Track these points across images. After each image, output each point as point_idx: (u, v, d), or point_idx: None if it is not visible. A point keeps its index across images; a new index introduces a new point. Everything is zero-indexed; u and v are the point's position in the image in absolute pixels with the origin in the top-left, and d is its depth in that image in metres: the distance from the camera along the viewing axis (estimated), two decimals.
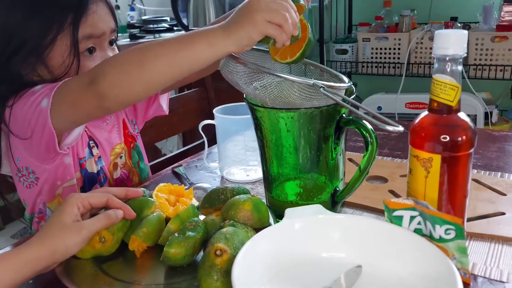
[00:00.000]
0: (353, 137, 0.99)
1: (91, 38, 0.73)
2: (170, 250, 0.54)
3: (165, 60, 0.57)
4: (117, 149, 0.85)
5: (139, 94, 0.60)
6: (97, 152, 0.81)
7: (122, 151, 0.86)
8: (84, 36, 0.72)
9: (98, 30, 0.73)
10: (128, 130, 0.89)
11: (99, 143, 0.81)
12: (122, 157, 0.86)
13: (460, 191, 0.53)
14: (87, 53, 0.73)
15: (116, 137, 0.85)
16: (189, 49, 0.57)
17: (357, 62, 2.06)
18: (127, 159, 0.88)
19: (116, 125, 0.86)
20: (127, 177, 0.88)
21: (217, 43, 0.57)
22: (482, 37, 1.76)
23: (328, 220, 0.55)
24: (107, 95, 0.59)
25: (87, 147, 0.80)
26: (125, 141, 0.87)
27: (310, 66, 0.70)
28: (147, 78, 0.58)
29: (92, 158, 0.80)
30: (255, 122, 0.63)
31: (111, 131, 0.84)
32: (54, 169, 0.75)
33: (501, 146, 0.92)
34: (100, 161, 0.82)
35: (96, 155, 0.81)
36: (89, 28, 0.72)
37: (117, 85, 0.58)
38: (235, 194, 0.65)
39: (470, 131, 0.51)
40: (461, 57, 0.50)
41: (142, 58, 0.58)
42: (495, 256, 0.57)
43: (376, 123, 0.49)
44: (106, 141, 0.83)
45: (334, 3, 2.23)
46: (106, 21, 0.75)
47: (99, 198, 0.59)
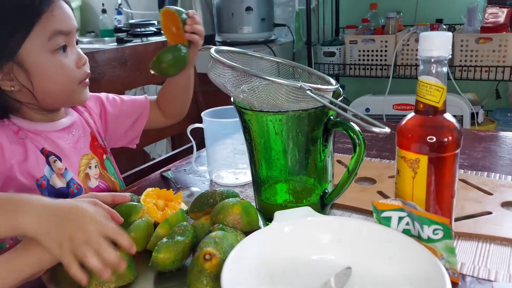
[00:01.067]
0: (342, 139, 0.99)
1: (61, 34, 0.73)
2: (158, 255, 0.54)
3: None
4: (85, 160, 0.84)
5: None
6: (61, 166, 0.79)
7: (90, 162, 0.85)
8: (54, 32, 0.72)
9: (66, 26, 0.74)
10: (97, 142, 0.88)
11: (63, 155, 0.79)
12: (92, 168, 0.84)
13: (447, 191, 0.54)
14: (61, 51, 0.74)
15: (82, 148, 0.84)
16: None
17: (344, 64, 2.07)
18: (101, 170, 0.86)
19: (82, 136, 0.85)
20: (107, 187, 0.86)
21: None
22: (466, 38, 1.78)
23: (317, 222, 0.55)
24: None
25: (45, 165, 0.77)
26: (95, 152, 0.86)
27: (298, 68, 0.70)
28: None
29: (54, 174, 0.78)
30: (243, 125, 0.63)
31: (77, 141, 0.83)
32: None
33: (487, 146, 0.93)
34: (67, 173, 0.79)
35: (61, 168, 0.78)
36: (58, 24, 0.73)
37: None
38: (224, 197, 0.65)
39: (456, 131, 0.52)
40: (446, 58, 0.51)
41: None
42: (483, 255, 0.57)
43: (363, 125, 0.49)
44: (71, 152, 0.81)
45: (321, 6, 2.24)
46: (72, 19, 0.76)
47: None
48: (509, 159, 0.86)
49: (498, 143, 0.95)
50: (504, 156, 0.88)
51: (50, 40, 0.72)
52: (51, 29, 0.72)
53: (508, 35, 1.72)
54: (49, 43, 0.72)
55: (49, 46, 0.73)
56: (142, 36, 2.23)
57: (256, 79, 0.56)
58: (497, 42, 1.73)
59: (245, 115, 0.61)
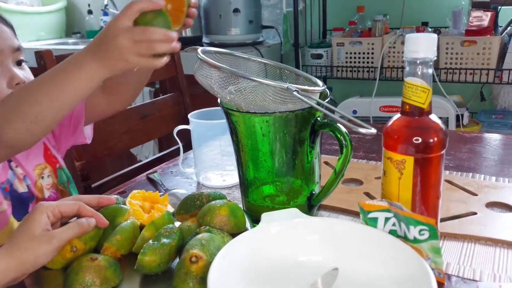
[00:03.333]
0: (329, 140, 0.99)
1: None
2: (144, 258, 0.53)
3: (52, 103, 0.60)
4: (37, 170, 0.82)
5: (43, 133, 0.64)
6: (21, 172, 0.79)
7: (43, 171, 0.83)
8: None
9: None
10: (49, 151, 0.86)
11: (19, 163, 0.79)
12: (44, 178, 0.83)
13: (433, 192, 0.54)
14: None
15: (35, 158, 0.83)
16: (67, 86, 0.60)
17: (332, 66, 2.09)
18: (53, 179, 0.85)
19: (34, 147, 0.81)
20: (57, 197, 0.85)
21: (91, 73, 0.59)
22: (452, 41, 1.80)
23: (304, 223, 0.55)
24: (15, 145, 0.63)
25: (9, 169, 0.77)
26: (48, 161, 0.85)
27: (285, 70, 0.70)
28: (43, 123, 0.61)
29: (16, 179, 0.77)
30: (230, 127, 0.62)
31: (30, 151, 0.81)
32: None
33: (472, 148, 0.94)
34: (26, 180, 0.79)
35: (21, 174, 0.78)
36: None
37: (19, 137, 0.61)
38: (211, 199, 0.65)
39: (441, 132, 0.52)
40: (431, 60, 0.51)
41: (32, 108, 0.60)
42: (468, 255, 0.58)
43: (350, 126, 0.49)
44: (25, 162, 0.80)
45: (309, 9, 2.25)
46: (3, 38, 0.74)
47: (70, 206, 0.58)
48: (494, 160, 0.87)
49: (483, 145, 0.96)
50: (488, 157, 0.89)
51: None
52: None
53: (492, 38, 1.74)
54: None
55: None
56: None
57: (243, 80, 0.56)
58: (481, 45, 1.76)
59: (232, 117, 0.61)
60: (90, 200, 0.62)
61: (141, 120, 1.22)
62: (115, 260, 0.56)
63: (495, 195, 0.71)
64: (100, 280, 0.52)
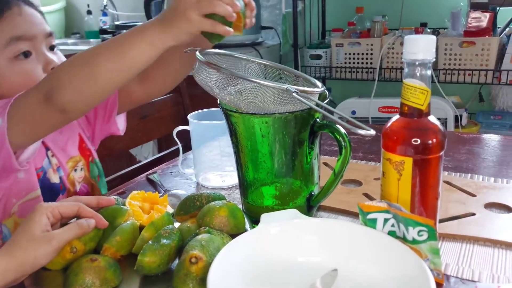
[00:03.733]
0: (328, 141, 0.99)
1: (21, 40, 0.71)
2: (144, 259, 0.53)
3: (112, 66, 0.60)
4: (71, 162, 0.83)
5: (97, 99, 0.63)
6: (56, 162, 0.79)
7: (77, 164, 0.84)
8: (12, 38, 0.70)
9: (26, 32, 0.72)
10: (85, 144, 0.87)
11: (55, 153, 0.80)
12: (77, 171, 0.84)
13: (431, 193, 0.54)
14: (22, 56, 0.72)
15: (71, 150, 0.83)
16: (131, 50, 0.60)
17: (331, 67, 2.09)
18: (86, 173, 0.85)
19: (70, 138, 0.84)
20: (87, 191, 0.86)
21: (155, 40, 0.59)
22: (450, 42, 1.81)
23: (303, 224, 0.55)
24: (68, 109, 0.61)
25: (45, 157, 0.77)
26: (82, 154, 0.85)
27: (284, 71, 0.70)
28: (100, 86, 0.61)
29: (52, 168, 0.78)
30: (229, 128, 0.63)
31: (66, 143, 0.82)
32: (9, 187, 0.72)
33: (471, 148, 0.94)
34: (60, 171, 0.80)
35: (56, 164, 0.79)
36: (16, 30, 0.71)
37: (74, 98, 0.60)
38: (211, 200, 0.65)
39: (440, 134, 0.53)
40: (430, 61, 0.51)
41: (91, 68, 0.60)
42: (466, 256, 0.58)
43: (349, 127, 0.50)
44: (61, 153, 0.81)
45: (308, 9, 2.25)
46: (36, 24, 0.74)
47: (70, 207, 0.58)
48: (492, 161, 0.88)
49: (481, 146, 0.96)
50: (487, 158, 0.89)
51: (6, 47, 0.70)
52: (6, 36, 0.70)
53: (490, 39, 1.75)
54: (6, 50, 0.70)
55: (6, 54, 0.71)
56: None
57: (243, 81, 0.56)
58: (480, 46, 1.76)
59: (231, 118, 0.61)
60: (89, 201, 0.62)
61: (141, 120, 1.22)
62: (114, 261, 0.56)
63: (494, 196, 0.71)
64: (99, 281, 0.52)
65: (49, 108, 0.61)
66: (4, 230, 0.74)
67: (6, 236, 0.74)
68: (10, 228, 0.74)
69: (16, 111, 0.63)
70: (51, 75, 0.63)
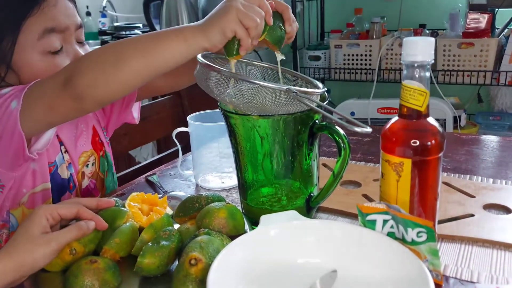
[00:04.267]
0: (327, 143, 1.00)
1: (54, 32, 0.70)
2: (143, 260, 0.53)
3: (141, 59, 0.57)
4: (83, 158, 0.82)
5: (117, 93, 0.60)
6: (68, 158, 0.79)
7: (89, 159, 0.83)
8: (46, 30, 0.69)
9: (60, 23, 0.71)
10: (98, 137, 0.86)
11: (67, 149, 0.79)
12: (89, 166, 0.83)
13: (430, 194, 0.55)
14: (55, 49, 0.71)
15: (83, 145, 0.82)
16: (164, 46, 0.57)
17: (329, 68, 2.09)
18: (96, 168, 0.85)
19: (84, 132, 0.83)
20: (95, 186, 0.85)
21: (191, 38, 0.57)
22: (449, 43, 1.81)
23: (303, 226, 0.55)
24: (84, 96, 0.58)
25: (59, 152, 0.77)
26: (94, 148, 0.84)
27: (284, 73, 0.71)
28: (124, 77, 0.58)
29: (64, 164, 0.78)
30: (229, 129, 0.63)
31: (78, 138, 0.81)
32: (20, 176, 0.72)
33: (469, 150, 0.94)
34: (70, 168, 0.79)
35: (68, 161, 0.79)
36: (50, 22, 0.69)
37: (94, 85, 0.57)
38: (210, 202, 0.65)
39: (439, 135, 0.53)
40: (429, 63, 0.51)
41: (118, 57, 0.57)
42: (465, 257, 0.58)
43: (346, 125, 0.50)
44: (73, 148, 0.80)
45: (307, 11, 2.26)
46: (69, 15, 0.73)
47: (69, 209, 0.58)
48: (491, 162, 0.88)
49: (480, 147, 0.96)
50: (486, 159, 0.90)
51: (40, 40, 0.69)
52: (41, 28, 0.69)
53: (489, 41, 1.75)
54: (39, 43, 0.69)
55: (39, 46, 0.69)
56: None
57: (243, 83, 0.56)
58: (478, 47, 1.77)
59: (231, 119, 0.61)
60: (89, 202, 0.62)
61: (140, 122, 1.22)
62: (114, 263, 0.56)
63: (493, 197, 0.72)
64: (99, 283, 0.52)
65: (66, 93, 0.58)
66: (11, 220, 0.74)
67: (13, 225, 0.74)
68: (18, 218, 0.74)
69: (33, 94, 0.61)
70: (75, 61, 0.61)
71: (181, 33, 0.58)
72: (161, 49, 0.57)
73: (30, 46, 0.69)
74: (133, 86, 0.60)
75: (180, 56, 0.58)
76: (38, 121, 0.63)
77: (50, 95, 0.60)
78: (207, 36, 0.57)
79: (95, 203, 0.62)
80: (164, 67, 0.59)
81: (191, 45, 0.57)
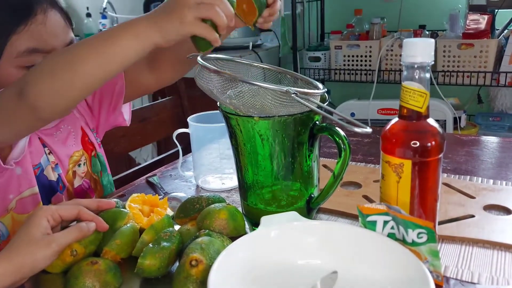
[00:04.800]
0: (327, 144, 1.00)
1: (37, 52, 0.67)
2: (144, 262, 0.54)
3: (94, 60, 0.55)
4: (75, 157, 0.81)
5: (74, 99, 0.58)
6: (53, 159, 0.78)
7: (81, 158, 0.82)
8: (28, 49, 0.66)
9: (46, 45, 0.68)
10: (87, 138, 0.85)
11: (53, 151, 0.78)
12: (81, 165, 0.82)
13: (431, 195, 0.55)
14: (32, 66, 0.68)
15: (73, 145, 0.81)
16: (115, 44, 0.55)
17: (329, 69, 2.09)
18: (88, 167, 0.84)
19: (72, 132, 0.82)
20: (89, 186, 0.85)
21: (142, 34, 0.55)
22: (449, 44, 1.81)
23: (303, 227, 0.55)
24: (39, 106, 0.56)
25: (44, 154, 0.76)
26: (84, 148, 0.84)
27: (286, 75, 0.71)
28: (79, 82, 0.56)
29: (50, 165, 0.77)
30: (229, 130, 0.63)
31: (66, 139, 0.80)
32: (4, 183, 0.71)
33: (469, 150, 0.94)
34: (57, 169, 0.78)
35: (53, 162, 0.78)
36: (35, 42, 0.67)
37: (48, 93, 0.55)
38: (211, 203, 0.65)
39: (439, 136, 0.53)
40: (429, 64, 0.51)
41: (70, 62, 0.55)
42: (466, 258, 0.58)
43: (346, 125, 0.50)
44: (60, 150, 0.79)
45: (307, 12, 2.26)
46: (59, 34, 0.69)
47: (70, 210, 0.58)
48: (491, 163, 0.88)
49: (480, 147, 0.96)
50: (486, 160, 0.90)
51: (20, 57, 0.66)
52: (23, 47, 0.66)
53: (489, 41, 1.75)
54: (18, 59, 0.66)
55: (18, 62, 0.67)
56: None
57: (243, 85, 0.57)
58: (478, 48, 1.77)
59: (231, 120, 0.61)
60: (89, 203, 0.62)
61: (140, 123, 1.22)
62: (115, 264, 0.56)
63: (493, 198, 0.72)
64: (100, 284, 0.52)
65: (21, 105, 0.56)
66: (1, 228, 0.73)
67: (3, 234, 0.73)
68: (7, 225, 0.73)
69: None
70: (30, 71, 0.59)
71: (133, 29, 0.55)
72: (112, 48, 0.55)
73: (8, 60, 0.67)
74: (90, 90, 0.58)
75: (132, 53, 0.55)
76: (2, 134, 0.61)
77: (7, 107, 0.58)
78: (160, 33, 0.54)
79: (95, 204, 0.62)
80: (118, 67, 0.56)
81: (143, 42, 0.55)
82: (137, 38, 0.55)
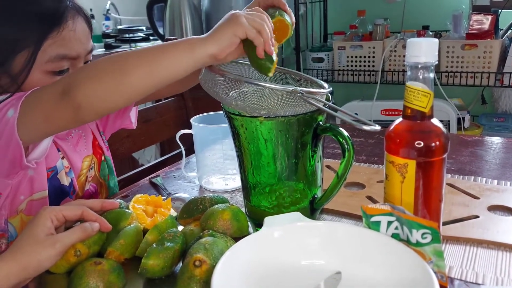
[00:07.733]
0: (331, 144, 0.99)
1: (65, 59, 0.69)
2: (148, 262, 0.54)
3: (144, 69, 0.56)
4: (87, 161, 0.82)
5: (118, 104, 0.59)
6: (66, 164, 0.78)
7: (92, 162, 0.83)
8: (58, 56, 0.68)
9: (72, 51, 0.69)
10: (97, 142, 0.86)
11: (67, 156, 0.79)
12: (90, 170, 0.83)
13: (435, 195, 0.54)
14: (58, 72, 0.69)
15: (84, 149, 0.82)
16: (168, 56, 0.56)
17: (333, 70, 2.09)
18: (96, 172, 0.85)
19: (83, 136, 0.82)
20: (96, 190, 0.85)
21: (197, 45, 0.56)
22: (452, 45, 1.81)
23: (307, 227, 0.55)
24: (83, 107, 0.57)
25: (59, 158, 0.77)
26: (94, 152, 0.84)
27: (288, 74, 0.71)
28: (126, 88, 0.57)
29: (63, 170, 0.78)
30: (232, 131, 0.63)
31: (77, 143, 0.81)
32: (17, 183, 0.71)
33: (473, 151, 0.94)
34: (70, 173, 0.79)
35: (67, 167, 0.78)
36: (64, 48, 0.68)
37: (93, 96, 0.56)
38: (214, 203, 0.65)
39: (443, 136, 0.53)
40: (433, 64, 0.51)
41: (120, 68, 0.56)
42: (470, 258, 0.58)
43: (354, 123, 0.50)
44: (73, 154, 0.79)
45: (310, 13, 2.26)
46: (83, 43, 0.71)
47: (74, 210, 0.58)
48: (495, 164, 0.88)
49: (484, 148, 0.96)
50: (490, 160, 0.89)
51: (49, 63, 0.68)
52: (54, 53, 0.68)
53: (492, 42, 1.75)
54: (47, 65, 0.68)
55: (45, 67, 0.68)
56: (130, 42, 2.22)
57: (248, 85, 0.57)
58: (482, 48, 1.76)
59: (234, 121, 0.61)
60: (93, 204, 0.62)
61: (143, 124, 1.22)
62: (118, 264, 0.56)
63: (497, 198, 0.71)
64: (103, 284, 0.52)
65: (64, 103, 0.57)
66: (10, 229, 0.73)
67: (12, 235, 0.73)
68: (16, 227, 0.73)
69: (30, 103, 0.60)
70: (74, 71, 0.60)
71: (188, 42, 0.57)
72: (165, 59, 0.56)
73: (37, 65, 0.68)
74: (135, 97, 0.58)
75: (185, 67, 0.57)
76: (35, 130, 0.62)
77: (47, 104, 0.59)
78: (214, 41, 0.56)
79: (99, 205, 0.63)
80: (169, 77, 0.57)
81: (198, 53, 0.56)
82: (192, 50, 0.56)
